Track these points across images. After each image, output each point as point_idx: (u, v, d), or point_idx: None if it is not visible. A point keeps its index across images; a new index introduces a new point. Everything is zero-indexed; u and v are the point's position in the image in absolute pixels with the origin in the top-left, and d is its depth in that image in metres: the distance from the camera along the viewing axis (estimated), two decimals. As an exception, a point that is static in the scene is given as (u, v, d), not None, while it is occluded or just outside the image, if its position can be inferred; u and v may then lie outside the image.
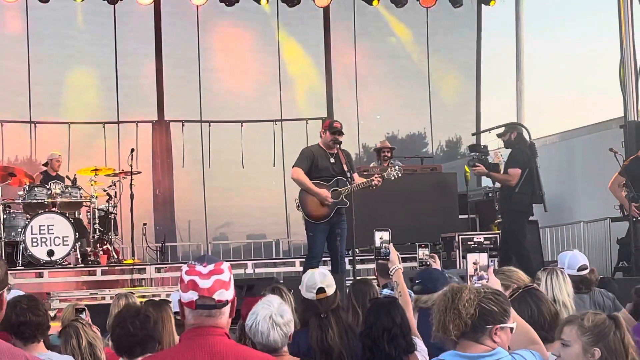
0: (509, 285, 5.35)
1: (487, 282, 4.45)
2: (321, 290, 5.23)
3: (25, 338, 4.75)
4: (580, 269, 6.54)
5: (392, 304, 5.01)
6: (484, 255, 4.60)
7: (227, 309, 3.49)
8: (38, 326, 4.80)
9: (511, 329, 3.76)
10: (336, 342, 5.07)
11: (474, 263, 4.61)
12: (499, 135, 13.23)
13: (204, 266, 3.46)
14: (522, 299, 4.72)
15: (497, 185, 13.16)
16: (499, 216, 13.27)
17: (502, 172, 12.63)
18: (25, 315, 4.78)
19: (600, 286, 7.14)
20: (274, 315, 4.33)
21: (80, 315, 5.78)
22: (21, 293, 5.50)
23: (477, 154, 12.88)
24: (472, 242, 11.89)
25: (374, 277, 7.00)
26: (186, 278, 3.45)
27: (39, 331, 4.82)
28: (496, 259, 11.15)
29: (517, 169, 11.96)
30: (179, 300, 3.54)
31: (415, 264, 10.47)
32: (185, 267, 3.49)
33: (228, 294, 3.47)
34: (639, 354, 3.78)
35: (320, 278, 5.35)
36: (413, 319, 5.42)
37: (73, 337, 5.01)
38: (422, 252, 7.26)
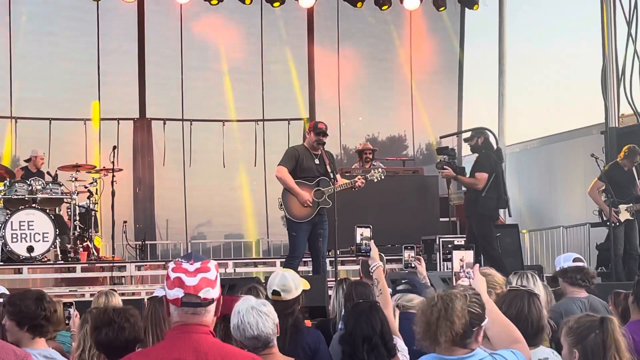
0: (490, 291, 5.35)
1: (472, 279, 4.44)
2: (275, 292, 5.21)
3: (42, 332, 4.86)
4: (575, 260, 6.55)
5: (372, 310, 4.94)
6: (470, 253, 4.56)
7: (212, 307, 3.50)
8: (31, 322, 4.86)
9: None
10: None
11: (460, 260, 4.58)
12: (465, 140, 13.30)
13: (191, 264, 3.46)
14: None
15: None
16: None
17: (468, 175, 12.70)
18: (49, 310, 4.88)
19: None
20: (256, 305, 4.32)
21: (69, 309, 5.73)
22: (4, 289, 5.46)
23: (445, 157, 12.91)
24: (453, 245, 11.91)
25: (359, 277, 6.98)
26: (172, 275, 3.44)
27: (46, 328, 4.91)
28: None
29: (484, 173, 12.02)
30: (164, 297, 3.53)
31: (396, 265, 10.50)
32: (172, 264, 3.49)
33: (214, 292, 3.47)
34: (635, 354, 3.75)
35: (280, 281, 5.32)
36: (393, 318, 5.38)
37: (89, 323, 5.01)
38: (408, 254, 7.24)
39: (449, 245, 11.84)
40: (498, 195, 12.16)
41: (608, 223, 12.30)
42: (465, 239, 12.32)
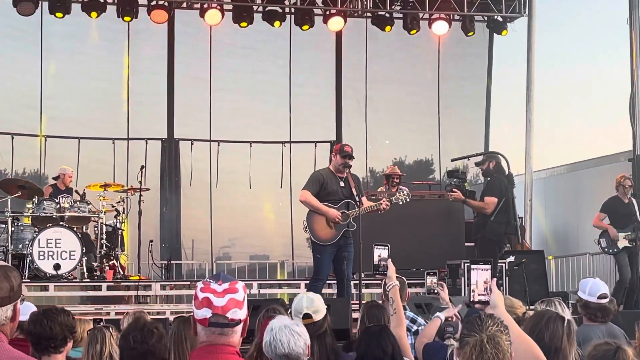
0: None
1: (490, 295, 4.44)
2: (307, 316, 5.19)
3: (41, 350, 4.81)
4: (600, 297, 6.55)
5: (382, 333, 4.93)
6: (487, 271, 4.58)
7: (239, 328, 3.50)
8: (55, 341, 4.84)
9: None
10: None
11: (485, 282, 4.59)
12: (477, 164, 13.35)
13: (219, 284, 3.47)
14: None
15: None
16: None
17: (478, 199, 12.70)
18: (41, 327, 4.84)
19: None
20: (290, 325, 4.33)
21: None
22: (33, 307, 5.51)
23: (455, 180, 12.92)
24: (471, 260, 11.89)
25: (382, 300, 7.01)
26: (201, 295, 3.45)
27: (54, 344, 4.84)
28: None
29: (493, 197, 12.05)
30: (192, 317, 3.58)
31: (421, 289, 10.50)
32: (200, 284, 3.50)
33: (241, 313, 3.48)
34: None
35: (307, 304, 5.29)
36: (405, 338, 5.39)
37: (99, 342, 5.03)
38: (430, 280, 7.32)
39: (466, 264, 11.77)
40: (507, 220, 12.17)
41: (606, 250, 12.59)
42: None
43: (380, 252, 6.49)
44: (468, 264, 10.23)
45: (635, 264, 12.45)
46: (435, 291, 7.11)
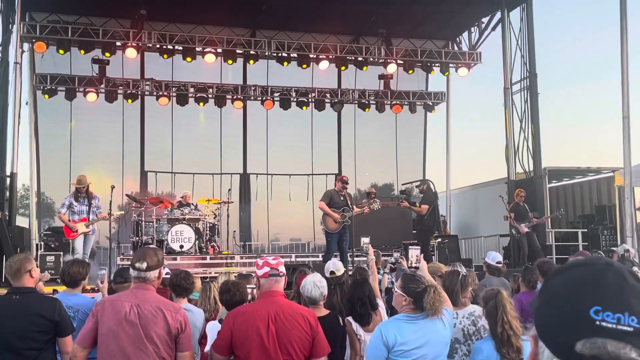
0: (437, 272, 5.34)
1: (420, 264, 4.42)
2: (332, 272, 5.18)
3: (177, 293, 4.84)
4: (497, 262, 6.60)
5: (364, 283, 4.87)
6: (418, 250, 4.58)
7: (283, 279, 3.56)
8: (184, 290, 4.87)
9: None
10: (337, 302, 4.95)
11: (417, 256, 4.59)
12: (417, 186, 13.34)
13: (271, 256, 3.60)
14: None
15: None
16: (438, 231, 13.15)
17: (417, 206, 12.68)
18: (175, 281, 4.87)
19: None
20: (315, 280, 4.35)
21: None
22: (168, 270, 5.52)
23: (405, 195, 13.00)
24: (409, 243, 11.80)
25: (365, 265, 7.00)
26: (261, 262, 3.55)
27: (186, 292, 4.88)
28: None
29: (426, 205, 12.02)
30: (255, 275, 3.60)
31: (389, 258, 10.47)
32: (259, 258, 3.60)
33: (284, 270, 3.56)
34: (519, 320, 3.49)
35: (332, 265, 5.28)
36: (378, 288, 5.38)
37: (208, 290, 5.00)
38: (396, 254, 7.29)
39: (407, 244, 11.64)
40: (434, 219, 12.15)
41: (515, 235, 12.31)
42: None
43: (364, 240, 6.46)
44: (406, 245, 10.20)
45: (534, 242, 12.11)
46: (399, 261, 7.09)
